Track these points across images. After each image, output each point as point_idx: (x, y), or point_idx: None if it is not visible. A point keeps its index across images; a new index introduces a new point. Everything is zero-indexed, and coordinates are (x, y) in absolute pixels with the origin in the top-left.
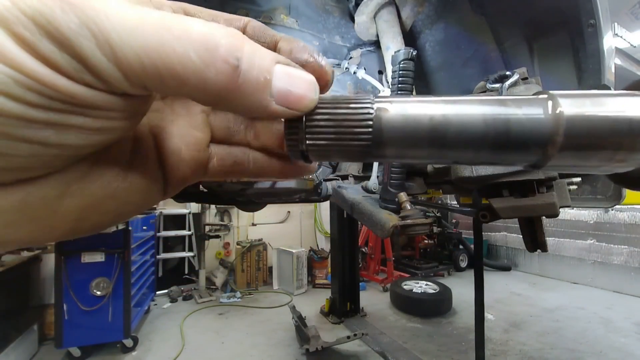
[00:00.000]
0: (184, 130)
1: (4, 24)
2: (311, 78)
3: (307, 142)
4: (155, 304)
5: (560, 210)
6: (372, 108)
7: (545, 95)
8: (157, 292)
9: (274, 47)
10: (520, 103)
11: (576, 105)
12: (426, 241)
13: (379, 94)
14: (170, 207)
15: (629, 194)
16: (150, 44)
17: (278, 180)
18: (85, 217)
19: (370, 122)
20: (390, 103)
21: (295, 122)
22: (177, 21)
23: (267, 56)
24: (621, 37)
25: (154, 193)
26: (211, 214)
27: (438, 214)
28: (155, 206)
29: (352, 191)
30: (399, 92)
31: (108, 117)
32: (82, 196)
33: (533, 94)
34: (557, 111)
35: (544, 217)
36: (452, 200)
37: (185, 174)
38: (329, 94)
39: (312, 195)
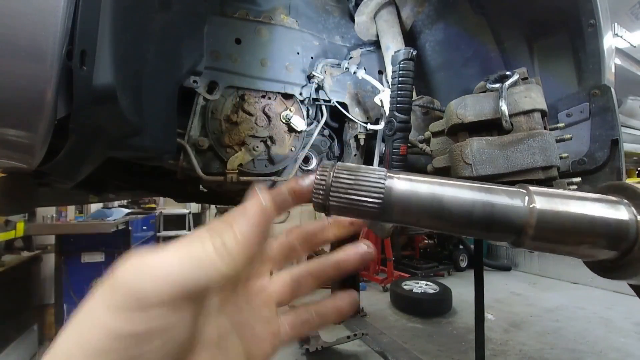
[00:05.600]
0: (256, 322)
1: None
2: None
3: (330, 201)
4: None
5: None
6: (384, 183)
7: (524, 190)
8: None
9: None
10: (504, 193)
11: (548, 201)
12: (426, 241)
13: (385, 172)
14: (170, 207)
15: None
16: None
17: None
18: None
19: (382, 195)
20: (399, 179)
21: (323, 182)
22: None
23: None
24: (621, 37)
25: None
26: (211, 214)
27: None
28: (155, 206)
29: None
30: (399, 92)
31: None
32: None
33: (516, 186)
34: (531, 205)
35: None
36: None
37: (266, 351)
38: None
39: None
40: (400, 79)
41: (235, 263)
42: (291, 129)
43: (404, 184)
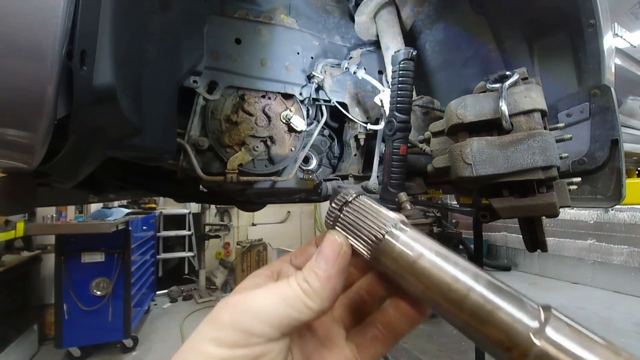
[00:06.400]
0: (325, 351)
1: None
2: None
3: (337, 225)
4: (155, 304)
5: (560, 210)
6: (385, 232)
7: (543, 311)
8: (157, 292)
9: None
10: (515, 301)
11: (565, 338)
12: None
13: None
14: (170, 207)
15: (629, 193)
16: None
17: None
18: None
19: (374, 246)
20: (405, 234)
21: (335, 211)
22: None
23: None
24: (621, 37)
25: None
26: (211, 214)
27: (438, 214)
28: (155, 206)
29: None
30: (399, 92)
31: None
32: None
33: (543, 306)
34: (538, 334)
35: (544, 217)
36: (452, 200)
37: None
38: None
39: (312, 195)
40: (400, 79)
41: (322, 300)
42: (291, 129)
43: (407, 240)
